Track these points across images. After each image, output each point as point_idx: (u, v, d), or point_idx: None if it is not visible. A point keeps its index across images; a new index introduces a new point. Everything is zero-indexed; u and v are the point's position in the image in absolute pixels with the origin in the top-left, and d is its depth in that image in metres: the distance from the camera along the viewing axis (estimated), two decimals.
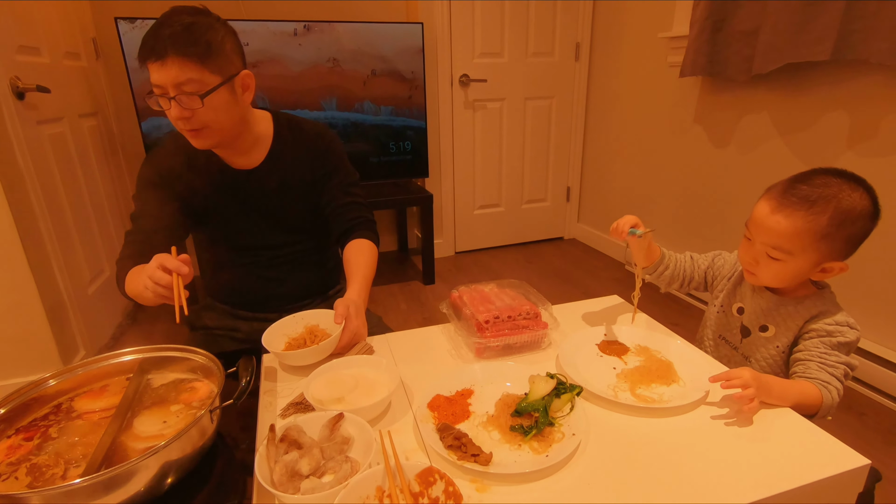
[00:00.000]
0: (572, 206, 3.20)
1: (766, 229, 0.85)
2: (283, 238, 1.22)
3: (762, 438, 0.72)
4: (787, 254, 0.84)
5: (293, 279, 1.25)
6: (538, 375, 0.81)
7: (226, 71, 0.97)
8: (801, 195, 0.83)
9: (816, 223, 0.82)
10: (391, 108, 2.43)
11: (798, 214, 0.82)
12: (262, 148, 1.15)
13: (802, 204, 0.82)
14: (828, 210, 0.82)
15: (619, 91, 2.72)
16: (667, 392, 0.83)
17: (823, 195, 0.82)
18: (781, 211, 0.84)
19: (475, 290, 1.07)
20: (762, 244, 0.87)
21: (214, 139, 1.02)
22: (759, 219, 0.87)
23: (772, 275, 0.89)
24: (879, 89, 1.54)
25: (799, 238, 0.83)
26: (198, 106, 0.93)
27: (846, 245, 0.84)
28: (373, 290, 2.53)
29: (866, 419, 1.50)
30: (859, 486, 0.70)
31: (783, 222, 0.83)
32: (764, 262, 0.88)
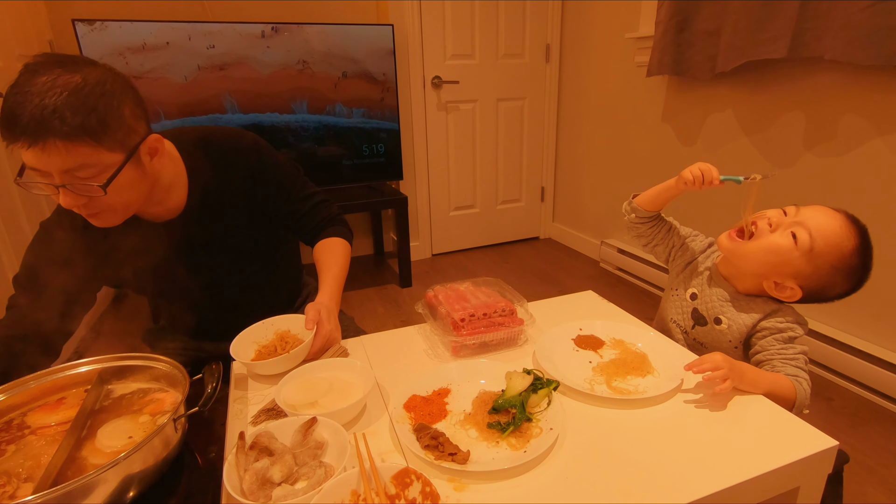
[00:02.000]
0: (547, 206, 3.23)
1: (825, 222, 0.83)
2: (233, 266, 1.10)
3: (736, 424, 0.73)
4: (809, 248, 0.83)
5: (255, 302, 1.11)
6: (515, 372, 0.81)
7: (128, 143, 0.78)
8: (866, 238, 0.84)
9: (851, 257, 0.82)
10: (363, 110, 2.41)
11: (853, 242, 0.82)
12: (178, 190, 0.97)
13: (862, 240, 0.83)
14: (860, 262, 0.83)
15: (589, 92, 2.76)
16: (642, 383, 0.83)
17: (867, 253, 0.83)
18: (848, 229, 0.83)
19: (451, 288, 1.06)
20: (801, 224, 0.84)
21: (120, 218, 0.85)
22: (826, 211, 0.85)
23: (762, 250, 0.86)
24: (834, 85, 1.60)
25: (832, 249, 0.82)
26: (98, 194, 0.76)
27: (821, 287, 0.86)
28: (348, 294, 2.52)
29: (833, 404, 1.55)
30: (829, 467, 0.71)
31: (841, 232, 0.83)
32: (779, 233, 0.85)
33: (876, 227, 1.49)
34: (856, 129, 1.56)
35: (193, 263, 1.05)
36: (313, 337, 0.90)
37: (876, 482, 1.25)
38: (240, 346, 0.90)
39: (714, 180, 0.91)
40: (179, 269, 1.02)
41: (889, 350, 1.54)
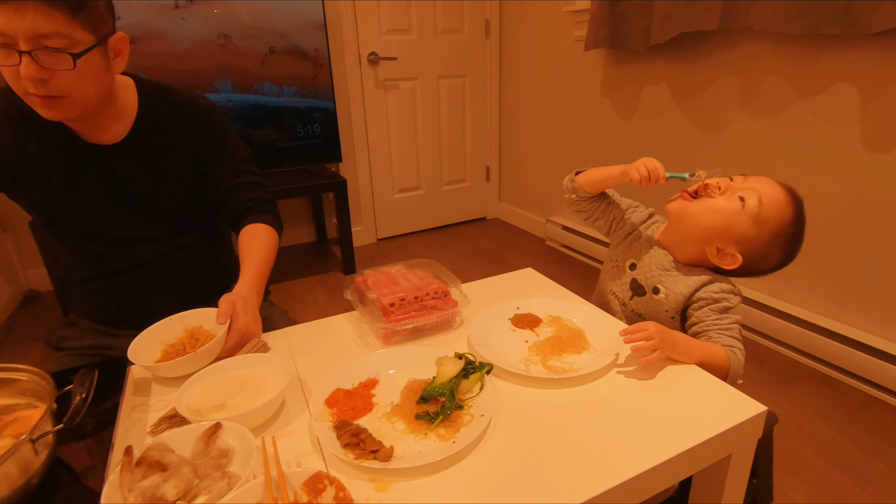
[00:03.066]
0: (493, 186, 3.20)
1: (772, 189, 0.85)
2: (161, 231, 1.03)
3: (669, 396, 0.72)
4: (756, 212, 0.83)
5: (179, 283, 1.06)
6: (445, 357, 0.76)
7: (100, 29, 0.80)
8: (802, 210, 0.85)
9: (788, 227, 0.84)
10: (295, 88, 2.27)
11: (793, 210, 0.84)
12: (125, 122, 0.95)
13: (798, 211, 0.85)
14: (794, 231, 0.85)
15: (530, 68, 2.73)
16: (577, 360, 0.80)
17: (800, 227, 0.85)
18: (789, 197, 0.85)
19: (382, 272, 1.00)
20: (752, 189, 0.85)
21: (74, 112, 0.83)
22: (771, 181, 0.86)
23: (710, 211, 0.86)
24: (762, 55, 1.63)
25: (775, 215, 0.84)
26: (66, 67, 0.75)
27: (760, 255, 0.87)
28: (289, 283, 2.40)
29: (765, 366, 1.61)
30: (758, 432, 0.71)
31: (783, 200, 0.84)
32: (727, 197, 0.86)
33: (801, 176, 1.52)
34: (782, 95, 1.60)
35: (122, 207, 0.99)
36: (226, 332, 0.81)
37: (804, 439, 1.31)
38: (142, 345, 0.80)
39: (661, 178, 0.90)
40: (105, 208, 0.97)
41: (815, 313, 1.62)
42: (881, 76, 1.36)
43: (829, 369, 1.55)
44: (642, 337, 0.74)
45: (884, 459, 1.23)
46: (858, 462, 1.23)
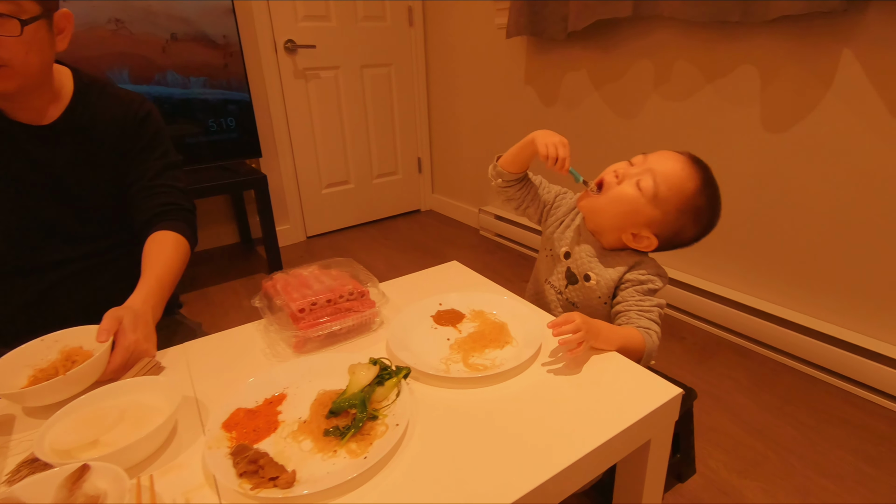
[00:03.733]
0: (425, 178, 3.16)
1: (668, 166, 0.84)
2: (79, 230, 0.96)
3: (591, 385, 0.71)
4: (654, 194, 0.84)
5: (86, 294, 0.97)
6: (358, 364, 0.70)
7: (45, 2, 0.80)
8: (708, 176, 0.85)
9: (694, 199, 0.84)
10: (203, 79, 2.10)
11: (696, 182, 0.84)
12: (57, 107, 0.91)
13: (704, 179, 0.84)
14: (703, 202, 0.84)
15: (455, 56, 2.69)
16: (500, 355, 0.78)
17: (713, 194, 0.85)
18: (690, 169, 0.84)
19: (293, 275, 0.93)
20: (648, 170, 0.84)
21: (13, 84, 0.80)
22: (668, 156, 0.86)
23: (615, 201, 0.87)
24: (673, 41, 1.68)
25: (677, 192, 0.83)
26: (13, 33, 0.75)
27: (673, 233, 0.87)
28: (211, 289, 2.24)
29: (686, 342, 1.69)
30: (675, 415, 0.72)
31: (683, 174, 0.84)
32: (626, 184, 0.86)
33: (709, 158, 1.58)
34: (691, 79, 1.66)
35: (43, 194, 0.93)
36: (107, 351, 0.72)
37: (722, 409, 1.37)
38: (5, 371, 0.69)
39: (564, 170, 0.91)
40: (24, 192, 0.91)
41: (730, 288, 1.71)
42: (777, 60, 1.44)
43: (744, 341, 1.65)
44: (570, 329, 0.72)
45: (791, 422, 1.32)
46: (770, 427, 1.31)
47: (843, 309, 1.45)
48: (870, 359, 1.36)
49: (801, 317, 1.51)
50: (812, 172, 1.43)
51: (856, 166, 1.35)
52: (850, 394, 1.41)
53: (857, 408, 1.36)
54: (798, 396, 1.41)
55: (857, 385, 1.41)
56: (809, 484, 1.13)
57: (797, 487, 1.12)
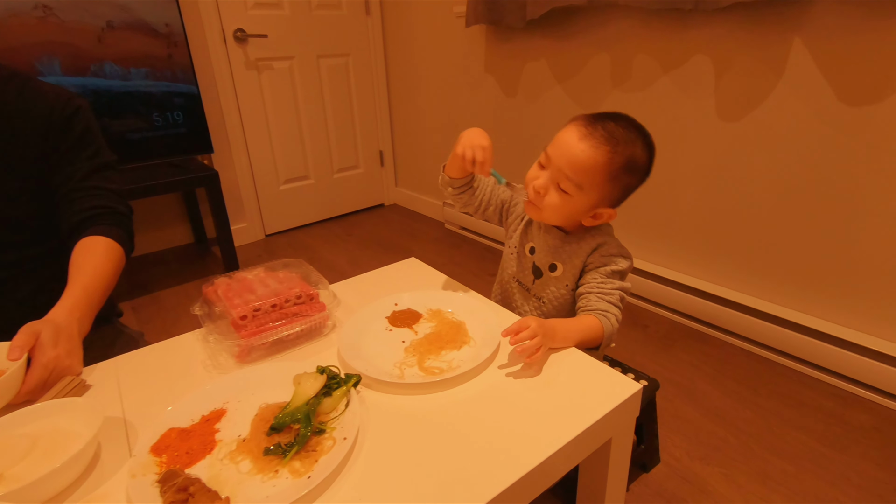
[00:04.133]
0: (388, 171, 3.09)
1: (570, 156, 0.80)
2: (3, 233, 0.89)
3: (551, 384, 0.68)
4: (578, 187, 0.81)
5: (15, 302, 0.90)
6: (304, 374, 0.66)
7: None
8: (609, 131, 0.80)
9: (613, 163, 0.79)
10: (145, 70, 1.97)
11: (603, 149, 0.79)
12: None
13: (609, 140, 0.79)
14: (625, 153, 0.80)
15: (415, 46, 2.63)
16: (457, 357, 0.74)
17: (626, 138, 0.80)
18: (588, 140, 0.79)
19: (237, 279, 0.87)
20: (558, 170, 0.81)
21: None
22: (565, 144, 0.81)
23: (553, 208, 0.84)
24: (630, 29, 1.67)
25: (595, 172, 0.80)
26: None
27: (622, 193, 0.85)
28: (162, 293, 2.13)
29: (649, 330, 1.70)
30: (636, 411, 0.70)
31: (588, 151, 0.79)
32: (551, 193, 0.83)
33: (668, 149, 1.56)
34: (649, 69, 1.66)
35: None
36: (21, 370, 0.65)
37: (684, 396, 1.39)
38: None
39: (483, 172, 0.88)
40: None
41: (688, 275, 1.73)
42: (730, 49, 1.45)
43: (704, 327, 1.68)
44: (526, 336, 0.69)
45: (748, 405, 1.34)
46: (729, 411, 1.33)
47: (796, 293, 1.48)
48: (821, 340, 1.39)
49: (758, 301, 1.54)
50: (765, 160, 1.45)
51: (805, 153, 1.37)
52: (804, 375, 1.45)
53: (810, 388, 1.40)
54: (756, 380, 1.44)
55: (810, 366, 1.44)
56: (768, 467, 1.15)
57: (757, 471, 1.14)
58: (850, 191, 1.32)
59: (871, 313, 1.35)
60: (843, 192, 1.33)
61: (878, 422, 1.27)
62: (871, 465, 1.15)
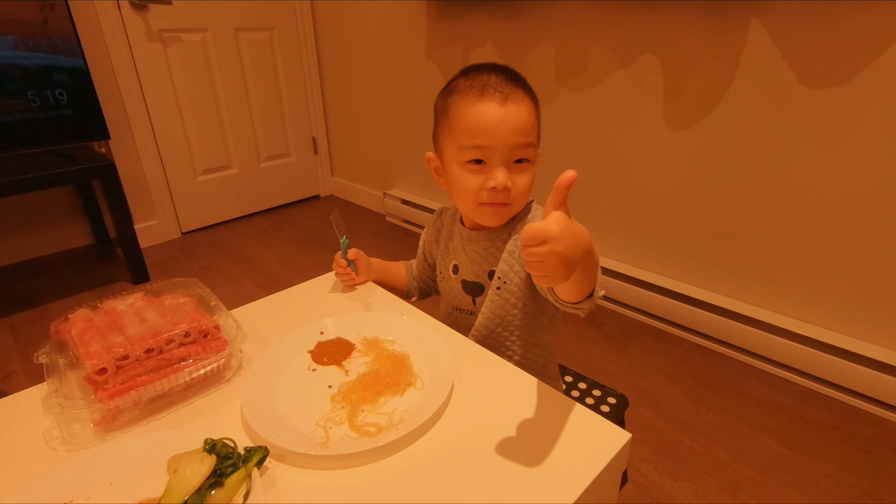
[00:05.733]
0: (323, 159, 2.84)
1: (511, 125, 0.66)
2: None
3: (522, 442, 0.53)
4: (535, 149, 0.69)
5: None
6: (184, 455, 0.47)
7: None
8: (506, 79, 0.68)
9: (534, 102, 0.70)
10: (13, 38, 1.62)
11: (524, 97, 0.67)
12: None
13: (521, 86, 0.68)
14: (528, 88, 0.70)
15: (348, 22, 2.39)
16: (400, 406, 0.58)
17: (513, 72, 0.70)
18: (511, 100, 0.66)
19: (104, 310, 0.65)
20: (511, 149, 0.66)
21: None
22: (494, 120, 0.66)
23: (524, 189, 0.70)
24: (582, 15, 1.55)
25: (534, 123, 0.69)
26: None
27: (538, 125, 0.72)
28: (53, 305, 1.80)
29: (605, 328, 1.62)
30: (623, 464, 0.57)
31: (522, 110, 0.67)
32: (517, 176, 0.68)
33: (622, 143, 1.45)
34: (601, 59, 1.54)
35: None
36: None
37: (647, 402, 1.31)
38: None
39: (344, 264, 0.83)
40: None
41: (644, 270, 1.65)
42: (684, 37, 1.35)
43: (660, 323, 1.61)
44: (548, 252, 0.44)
45: (711, 408, 1.28)
46: (692, 415, 1.26)
47: (751, 287, 1.44)
48: (777, 335, 1.36)
49: (714, 296, 1.49)
50: (721, 151, 1.38)
51: (758, 146, 1.31)
52: (761, 371, 1.41)
53: (768, 385, 1.36)
54: (714, 378, 1.39)
55: (767, 362, 1.41)
56: (737, 477, 1.08)
57: (727, 483, 1.07)
58: (803, 185, 1.27)
59: (825, 308, 1.33)
60: (798, 185, 1.28)
61: (836, 419, 1.24)
62: (834, 468, 1.11)
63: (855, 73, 1.14)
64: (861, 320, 1.28)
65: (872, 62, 1.11)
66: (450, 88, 0.71)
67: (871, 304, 1.25)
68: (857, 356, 1.24)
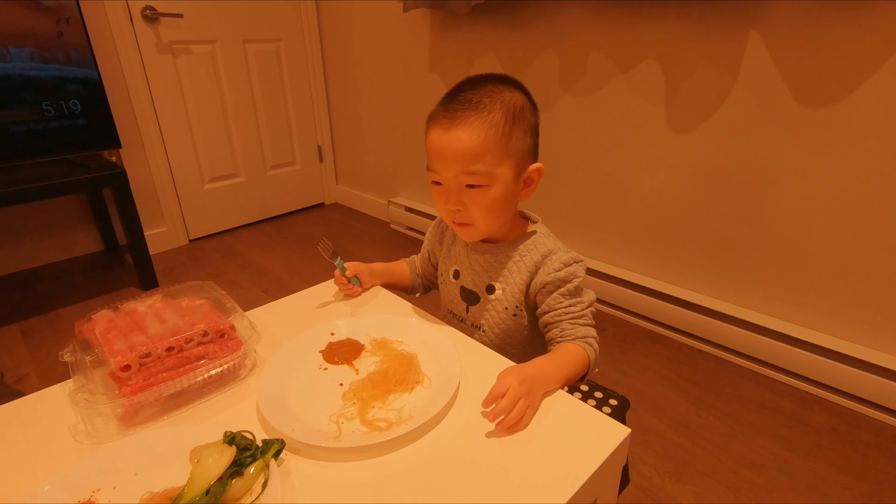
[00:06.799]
0: (328, 168, 2.88)
1: (451, 153, 0.68)
2: None
3: (526, 437, 0.56)
4: (487, 174, 0.68)
5: None
6: (205, 446, 0.49)
7: None
8: (465, 101, 0.68)
9: (494, 121, 0.68)
10: (30, 50, 1.67)
11: (473, 120, 0.67)
12: None
13: (472, 109, 0.68)
14: (496, 105, 0.68)
15: (353, 33, 2.44)
16: (409, 403, 0.60)
17: (486, 93, 0.69)
18: (455, 126, 0.67)
19: (125, 311, 0.68)
20: (455, 176, 0.69)
21: None
22: (437, 147, 0.69)
23: (484, 210, 0.71)
24: (582, 22, 1.59)
25: (488, 146, 0.67)
26: None
27: (531, 141, 0.73)
28: (63, 311, 1.83)
29: (607, 333, 1.64)
30: (623, 459, 0.59)
31: (464, 136, 0.67)
32: (470, 200, 0.70)
33: (620, 148, 1.48)
34: (602, 68, 1.58)
35: None
36: None
37: (648, 405, 1.32)
38: None
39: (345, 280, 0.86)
40: None
41: (644, 275, 1.68)
42: (682, 46, 1.39)
43: (661, 328, 1.63)
44: (505, 406, 0.55)
45: (712, 412, 1.30)
46: (693, 419, 1.28)
47: (751, 292, 1.46)
48: (777, 340, 1.38)
49: (714, 301, 1.51)
50: (720, 158, 1.41)
51: (759, 153, 1.34)
52: (761, 375, 1.43)
53: (768, 389, 1.38)
54: (715, 383, 1.41)
55: (766, 366, 1.43)
56: (738, 479, 1.10)
57: (727, 485, 1.08)
58: (801, 191, 1.30)
59: (824, 312, 1.35)
60: (795, 191, 1.30)
61: (835, 422, 1.26)
62: (834, 470, 1.12)
63: (849, 82, 1.17)
64: (860, 324, 1.30)
65: (866, 71, 1.14)
66: None
67: (870, 309, 1.27)
68: (856, 360, 1.26)
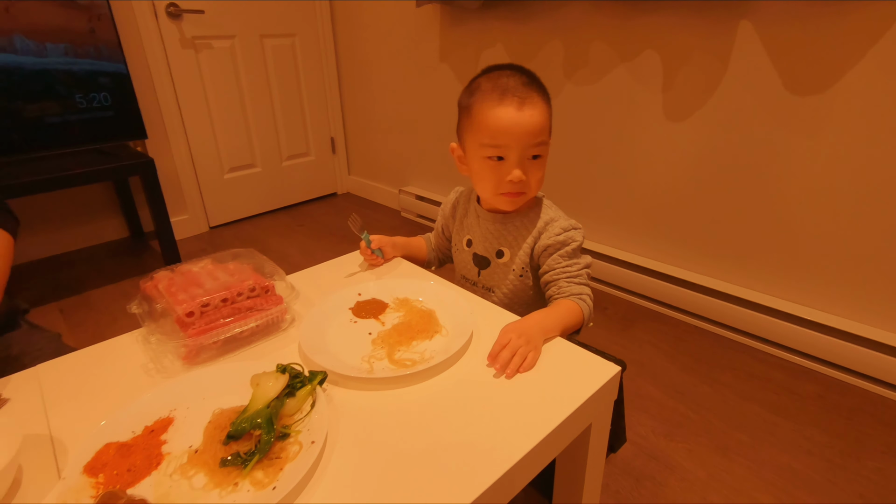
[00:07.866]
0: (340, 158, 2.98)
1: (525, 129, 0.78)
2: None
3: (528, 374, 0.65)
4: (548, 144, 0.82)
5: None
6: (264, 373, 0.59)
7: None
8: (523, 83, 0.79)
9: (546, 99, 0.81)
10: (64, 45, 1.78)
11: (537, 99, 0.79)
12: None
13: (532, 89, 0.79)
14: (541, 86, 0.81)
15: (366, 27, 2.53)
16: (429, 347, 0.70)
17: (530, 76, 0.82)
18: (526, 104, 0.78)
19: (180, 272, 0.78)
20: (525, 148, 0.79)
21: None
22: (509, 124, 0.78)
23: (541, 177, 0.84)
24: (585, 14, 1.66)
25: (547, 120, 0.81)
26: None
27: (550, 120, 0.85)
28: (94, 293, 1.96)
29: (608, 312, 1.73)
30: (614, 394, 0.69)
31: (535, 112, 0.78)
32: (533, 169, 0.81)
33: (622, 134, 1.56)
34: (605, 57, 1.66)
35: None
36: None
37: (646, 375, 1.41)
38: None
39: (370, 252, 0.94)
40: None
41: (644, 257, 1.76)
42: (681, 37, 1.47)
43: (659, 306, 1.72)
44: (507, 355, 0.65)
45: (706, 381, 1.39)
46: (688, 387, 1.36)
47: (744, 271, 1.54)
48: (769, 315, 1.46)
49: (710, 280, 1.59)
50: (716, 143, 1.49)
51: (753, 137, 1.41)
52: (754, 349, 1.51)
53: (760, 361, 1.46)
54: (710, 356, 1.49)
55: (759, 340, 1.51)
56: (727, 439, 1.19)
57: (717, 444, 1.17)
58: (791, 174, 1.37)
59: (812, 289, 1.43)
60: (786, 175, 1.38)
61: (822, 390, 1.34)
62: (816, 431, 1.21)
63: (834, 71, 1.24)
64: (847, 300, 1.38)
65: (850, 60, 1.22)
66: (472, 88, 0.83)
67: (855, 285, 1.35)
68: (842, 332, 1.34)
